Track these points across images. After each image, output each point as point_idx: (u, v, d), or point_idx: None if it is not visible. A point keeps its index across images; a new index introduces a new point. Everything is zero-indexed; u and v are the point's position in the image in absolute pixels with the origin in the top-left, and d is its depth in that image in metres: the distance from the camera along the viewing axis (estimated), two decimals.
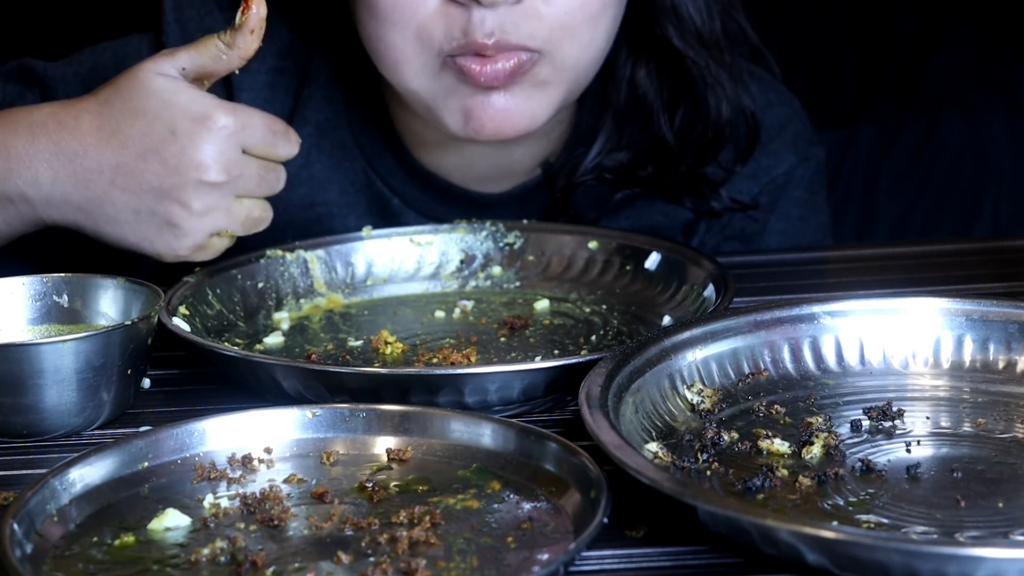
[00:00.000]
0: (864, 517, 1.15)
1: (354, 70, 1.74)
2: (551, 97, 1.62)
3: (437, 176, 1.76)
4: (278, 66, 1.76)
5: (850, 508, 1.17)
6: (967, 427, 1.29)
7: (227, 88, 1.74)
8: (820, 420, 1.29)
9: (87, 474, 1.21)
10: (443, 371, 1.34)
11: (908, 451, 1.25)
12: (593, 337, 1.51)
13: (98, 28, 1.99)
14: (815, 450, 1.25)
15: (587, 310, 1.58)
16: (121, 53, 1.76)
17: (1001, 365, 1.37)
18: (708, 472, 1.22)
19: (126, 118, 1.49)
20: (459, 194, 1.76)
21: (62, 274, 1.45)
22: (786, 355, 1.38)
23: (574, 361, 1.34)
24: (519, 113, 1.60)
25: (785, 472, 1.22)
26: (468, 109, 1.60)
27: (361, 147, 1.77)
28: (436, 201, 1.77)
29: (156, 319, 1.39)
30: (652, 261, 1.61)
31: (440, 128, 1.63)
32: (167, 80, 1.49)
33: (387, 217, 1.76)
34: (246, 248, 1.60)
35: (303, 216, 1.76)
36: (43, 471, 1.21)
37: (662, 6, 1.68)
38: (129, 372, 1.36)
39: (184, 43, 1.62)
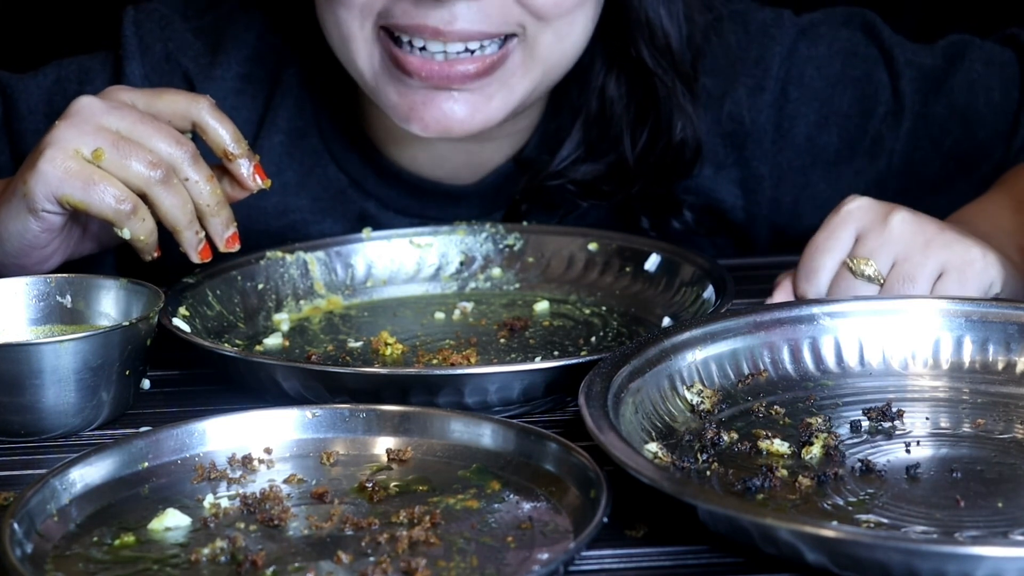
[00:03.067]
0: (864, 517, 1.15)
1: (325, 75, 1.72)
2: (514, 93, 1.60)
3: (409, 172, 1.74)
4: (246, 73, 1.75)
5: (850, 508, 1.17)
6: (966, 428, 1.29)
7: None
8: (820, 421, 1.29)
9: (87, 474, 1.21)
10: (443, 371, 1.34)
11: (908, 451, 1.25)
12: (593, 338, 1.51)
13: (65, 43, 1.99)
14: (815, 450, 1.25)
15: (587, 311, 1.58)
16: (86, 67, 1.76)
17: (1000, 366, 1.37)
18: (708, 472, 1.22)
19: None
20: (432, 188, 1.75)
21: (65, 275, 1.45)
22: (786, 356, 1.38)
23: (574, 362, 1.35)
24: (470, 116, 1.58)
25: (785, 472, 1.22)
26: (409, 104, 1.58)
27: (332, 152, 1.76)
28: (411, 198, 1.75)
29: (155, 320, 1.39)
30: (652, 263, 1.61)
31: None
32: None
33: (363, 220, 1.75)
34: (244, 251, 1.60)
35: (277, 224, 1.75)
36: (43, 471, 1.21)
37: (637, 20, 1.66)
38: (128, 373, 1.36)
39: (143, 57, 1.65)
